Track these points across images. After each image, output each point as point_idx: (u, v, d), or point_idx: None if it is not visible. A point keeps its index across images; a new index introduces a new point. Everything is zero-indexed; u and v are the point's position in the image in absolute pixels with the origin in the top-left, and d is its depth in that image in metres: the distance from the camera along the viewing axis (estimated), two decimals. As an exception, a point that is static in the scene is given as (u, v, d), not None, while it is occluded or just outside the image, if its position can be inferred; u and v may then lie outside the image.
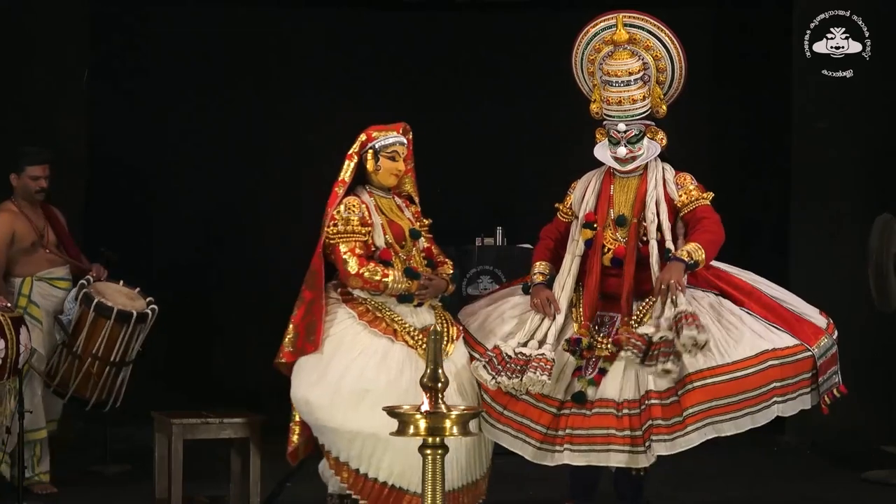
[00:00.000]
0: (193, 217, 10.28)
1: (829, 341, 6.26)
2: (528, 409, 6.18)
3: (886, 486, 7.73)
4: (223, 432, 6.76)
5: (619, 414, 6.08)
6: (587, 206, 6.45)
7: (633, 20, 6.39)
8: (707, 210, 6.33)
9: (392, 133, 6.14)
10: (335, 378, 5.87)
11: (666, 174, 6.40)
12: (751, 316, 6.20)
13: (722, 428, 6.02)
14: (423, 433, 4.21)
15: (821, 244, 9.05)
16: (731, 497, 6.96)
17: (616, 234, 6.37)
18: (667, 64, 6.41)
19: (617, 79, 6.36)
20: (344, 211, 6.01)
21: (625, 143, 6.35)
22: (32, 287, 7.38)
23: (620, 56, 6.37)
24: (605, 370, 6.16)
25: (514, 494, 7.28)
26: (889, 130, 9.25)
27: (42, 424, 7.30)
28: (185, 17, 10.15)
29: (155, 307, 7.33)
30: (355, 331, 5.97)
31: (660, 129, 6.44)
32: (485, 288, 8.62)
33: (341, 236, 5.98)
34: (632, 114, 6.36)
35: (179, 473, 6.63)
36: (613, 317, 6.29)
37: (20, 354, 6.47)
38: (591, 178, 6.55)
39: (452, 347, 6.06)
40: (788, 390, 6.11)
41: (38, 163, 7.47)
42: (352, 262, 5.93)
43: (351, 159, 6.12)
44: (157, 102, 10.12)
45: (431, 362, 4.28)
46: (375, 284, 5.92)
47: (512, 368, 6.10)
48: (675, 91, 6.50)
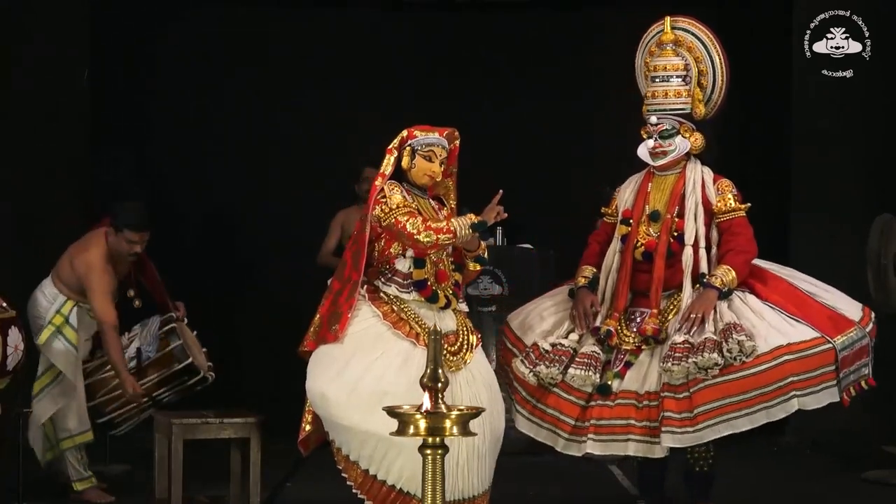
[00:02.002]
0: (194, 217, 10.29)
1: (858, 333, 6.26)
2: (559, 401, 6.35)
3: (886, 486, 7.73)
4: (223, 432, 6.76)
5: (639, 405, 6.21)
6: (626, 203, 6.59)
7: (679, 23, 6.58)
8: (743, 225, 6.41)
9: (434, 134, 6.05)
10: (354, 377, 5.80)
11: (705, 176, 6.47)
12: (772, 310, 6.23)
13: (737, 424, 6.08)
14: (423, 433, 4.21)
15: (821, 244, 9.06)
16: (732, 497, 6.96)
17: (650, 230, 6.47)
18: (708, 67, 6.54)
19: (658, 74, 6.51)
20: (387, 191, 5.92)
21: (655, 137, 6.43)
22: (73, 311, 7.22)
23: (665, 54, 6.53)
24: (631, 363, 6.30)
25: (514, 494, 7.28)
26: (889, 130, 9.26)
27: (88, 426, 7.24)
28: (185, 17, 10.16)
29: (213, 376, 7.30)
30: (379, 331, 5.90)
31: (697, 131, 6.49)
32: (485, 288, 8.62)
33: (394, 212, 5.87)
34: (664, 107, 6.47)
35: (179, 473, 6.62)
36: (643, 312, 6.37)
37: (8, 356, 6.45)
38: (634, 178, 6.66)
39: (471, 357, 6.01)
40: (810, 383, 6.11)
41: (140, 230, 7.20)
42: (417, 223, 5.79)
43: (391, 154, 5.99)
44: (157, 102, 10.14)
45: (431, 362, 4.27)
46: (447, 230, 5.76)
47: (550, 359, 6.32)
48: (718, 98, 6.59)
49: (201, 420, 6.75)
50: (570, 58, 10.27)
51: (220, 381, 10.01)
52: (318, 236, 9.02)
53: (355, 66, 10.16)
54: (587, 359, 6.30)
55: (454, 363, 5.88)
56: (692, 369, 6.05)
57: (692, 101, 6.49)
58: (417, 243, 5.82)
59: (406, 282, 5.94)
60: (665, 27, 6.56)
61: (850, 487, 7.76)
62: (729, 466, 6.66)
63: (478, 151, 9.75)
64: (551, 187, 10.10)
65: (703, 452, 6.44)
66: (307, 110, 10.13)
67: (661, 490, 6.68)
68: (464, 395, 5.84)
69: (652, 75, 6.55)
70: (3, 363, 6.42)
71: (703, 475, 6.52)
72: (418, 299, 5.95)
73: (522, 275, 8.55)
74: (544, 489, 7.64)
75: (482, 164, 9.63)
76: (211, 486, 7.23)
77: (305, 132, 10.15)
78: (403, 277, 5.95)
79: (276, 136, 10.20)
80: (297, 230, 9.77)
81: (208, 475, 7.29)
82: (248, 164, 10.16)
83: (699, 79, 6.53)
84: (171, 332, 7.21)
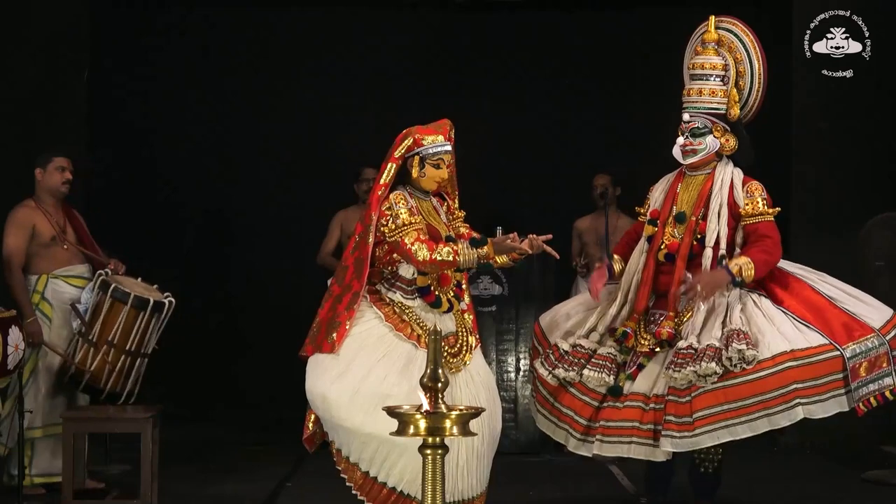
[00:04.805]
0: (194, 217, 10.29)
1: (875, 341, 6.17)
2: (574, 401, 6.38)
3: (886, 486, 7.72)
4: (116, 426, 7.17)
5: (646, 408, 6.20)
6: (655, 203, 6.56)
7: (724, 23, 6.54)
8: (770, 228, 6.34)
9: (440, 139, 5.98)
10: (356, 378, 5.77)
11: (734, 178, 6.41)
12: (784, 315, 6.18)
13: (736, 431, 6.03)
14: (423, 433, 4.21)
15: (821, 244, 9.04)
16: (732, 497, 6.96)
17: (674, 231, 6.43)
18: (746, 69, 6.48)
19: (697, 72, 6.48)
20: (394, 205, 5.89)
21: (686, 135, 6.41)
22: (47, 284, 7.36)
23: (706, 52, 6.49)
24: (644, 366, 6.29)
25: (514, 494, 7.28)
26: (889, 130, 9.25)
27: (38, 424, 7.30)
28: (185, 17, 10.16)
29: (172, 300, 7.35)
30: (381, 332, 5.88)
31: (731, 133, 6.44)
32: (485, 288, 8.61)
33: (399, 231, 5.85)
34: (698, 105, 6.43)
35: (71, 463, 6.87)
36: (663, 314, 6.36)
37: (9, 356, 6.45)
38: (666, 178, 6.64)
39: (470, 358, 6.00)
40: (816, 391, 6.03)
41: (64, 154, 7.53)
42: (421, 250, 5.77)
43: (395, 162, 5.91)
44: (157, 102, 10.14)
45: (431, 362, 4.27)
46: (451, 263, 5.82)
47: (570, 361, 6.34)
48: (754, 102, 6.54)
49: (97, 415, 7.07)
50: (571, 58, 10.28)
51: (220, 382, 10.07)
52: (317, 236, 9.02)
53: (355, 66, 10.16)
54: (603, 360, 6.31)
55: (454, 364, 5.87)
56: (691, 377, 6.05)
57: (728, 102, 6.43)
58: (419, 266, 5.83)
59: (410, 288, 5.93)
60: (709, 27, 6.51)
61: (850, 487, 7.75)
62: (729, 466, 6.65)
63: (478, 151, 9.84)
64: (551, 187, 10.11)
65: (711, 453, 6.41)
66: (307, 110, 10.13)
67: (667, 488, 6.66)
68: (463, 396, 5.84)
69: (691, 73, 6.50)
70: (3, 362, 6.42)
71: (709, 475, 6.50)
72: (422, 305, 5.96)
73: (522, 275, 8.54)
74: (544, 489, 7.63)
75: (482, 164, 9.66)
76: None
77: (305, 132, 10.15)
78: (407, 283, 5.94)
79: (275, 135, 10.20)
80: (296, 230, 9.77)
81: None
82: (247, 164, 10.16)
83: (737, 80, 6.47)
84: (104, 284, 7.25)
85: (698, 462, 6.49)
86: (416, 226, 5.83)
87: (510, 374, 8.65)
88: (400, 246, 5.82)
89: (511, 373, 8.65)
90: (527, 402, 8.40)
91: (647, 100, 9.62)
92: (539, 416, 6.55)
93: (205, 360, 10.00)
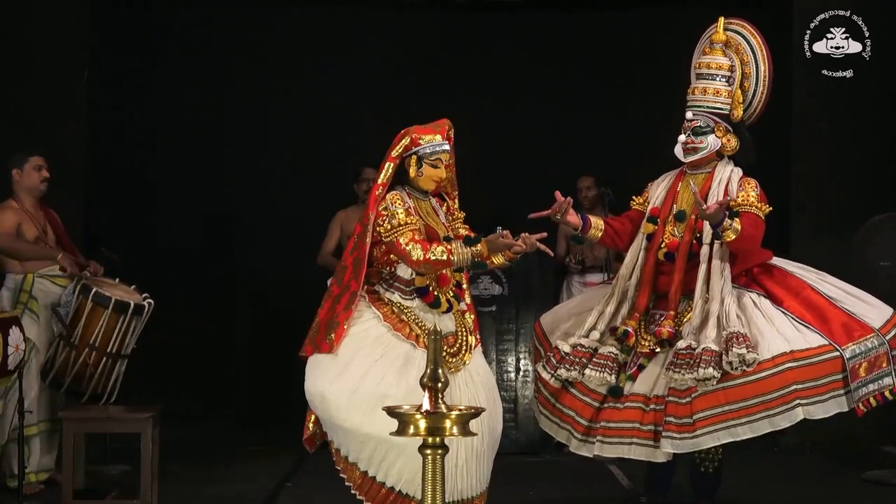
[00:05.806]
0: (193, 217, 10.29)
1: (875, 341, 6.18)
2: (575, 402, 6.40)
3: (886, 486, 7.72)
4: (116, 426, 7.15)
5: (646, 409, 6.20)
6: (656, 201, 6.55)
7: (732, 24, 6.55)
8: (753, 218, 6.27)
9: (437, 138, 5.97)
10: (355, 378, 5.77)
11: (732, 175, 6.42)
12: (783, 316, 6.19)
13: (737, 432, 6.04)
14: (423, 433, 4.20)
15: (821, 244, 9.04)
16: (732, 497, 6.96)
17: (674, 230, 6.44)
18: (752, 71, 6.49)
19: (703, 71, 6.49)
20: (390, 206, 5.89)
21: (688, 133, 6.42)
22: (34, 283, 7.45)
23: (714, 52, 6.50)
24: (644, 366, 6.30)
25: (514, 494, 7.28)
26: (889, 130, 9.25)
27: (33, 421, 7.34)
28: (185, 17, 10.16)
29: (151, 302, 7.42)
30: (379, 332, 5.88)
31: (732, 134, 6.44)
32: (485, 288, 8.61)
33: (395, 231, 5.84)
34: (702, 104, 6.44)
35: (70, 462, 6.89)
36: (664, 314, 6.36)
37: (9, 356, 6.45)
38: (668, 176, 6.63)
39: (469, 358, 6.00)
40: (816, 392, 6.04)
41: (39, 153, 7.60)
42: (415, 250, 5.78)
43: (393, 162, 5.91)
44: (157, 102, 10.13)
45: (431, 362, 4.27)
46: (445, 262, 5.82)
47: (571, 361, 6.35)
48: (758, 104, 6.54)
49: (97, 415, 7.05)
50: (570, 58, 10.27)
51: (220, 382, 10.07)
52: (317, 237, 9.02)
53: (355, 66, 10.16)
54: (605, 360, 6.31)
55: (453, 364, 5.87)
56: (690, 382, 6.05)
57: (732, 103, 6.44)
58: (414, 266, 5.84)
59: (409, 288, 5.93)
60: (718, 27, 6.51)
61: (850, 487, 7.75)
62: (728, 466, 6.65)
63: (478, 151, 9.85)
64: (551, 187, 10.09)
65: (711, 453, 6.42)
66: (306, 110, 10.12)
67: (667, 488, 6.67)
68: (462, 396, 5.83)
69: (697, 72, 6.51)
70: (3, 362, 6.43)
71: (709, 475, 6.52)
72: (421, 305, 5.95)
73: (522, 275, 8.54)
74: (544, 489, 7.64)
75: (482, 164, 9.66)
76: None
77: (305, 132, 10.15)
78: (406, 284, 5.94)
79: (274, 135, 10.20)
80: (296, 230, 9.77)
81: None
82: (247, 164, 10.16)
83: (742, 82, 6.47)
84: (84, 288, 7.31)
85: (699, 462, 6.49)
86: (411, 226, 5.83)
87: (510, 374, 8.65)
88: (395, 246, 5.83)
89: (511, 373, 8.66)
90: (527, 402, 8.40)
91: (646, 100, 9.62)
92: (541, 416, 6.57)
93: (205, 360, 9.99)
